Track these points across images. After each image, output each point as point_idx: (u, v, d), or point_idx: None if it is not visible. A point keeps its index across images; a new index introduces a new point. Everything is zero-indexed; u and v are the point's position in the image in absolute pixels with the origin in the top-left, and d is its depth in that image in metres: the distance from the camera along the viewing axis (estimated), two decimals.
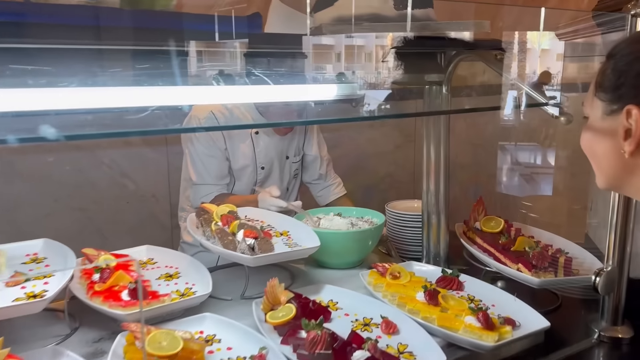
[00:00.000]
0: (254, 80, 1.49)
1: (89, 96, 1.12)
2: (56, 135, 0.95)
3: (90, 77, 1.14)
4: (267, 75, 1.39)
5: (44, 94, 1.03)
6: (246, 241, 1.53)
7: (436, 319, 1.37)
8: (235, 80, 1.53)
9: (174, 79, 1.24)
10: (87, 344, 1.36)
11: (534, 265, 1.51)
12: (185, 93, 1.34)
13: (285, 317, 1.38)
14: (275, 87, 1.39)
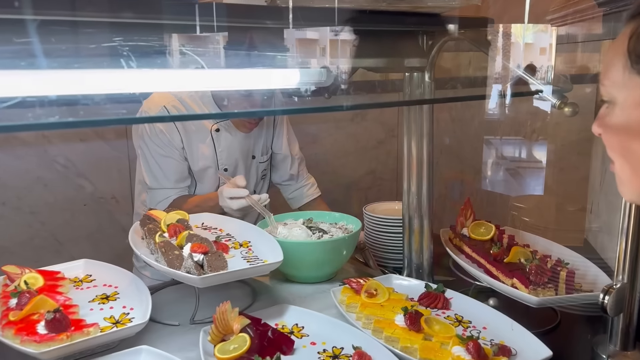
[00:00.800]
0: (209, 62, 1.25)
1: (21, 80, 0.87)
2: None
3: (23, 54, 0.89)
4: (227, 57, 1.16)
5: None
6: (193, 257, 1.29)
7: (418, 349, 1.14)
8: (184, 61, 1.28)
9: (110, 59, 1.00)
10: None
11: (531, 281, 1.29)
12: (126, 77, 1.09)
13: (237, 350, 1.14)
14: (234, 71, 1.16)
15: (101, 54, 1.01)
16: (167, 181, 1.99)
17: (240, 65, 1.33)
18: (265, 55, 1.39)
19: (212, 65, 1.29)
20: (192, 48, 1.05)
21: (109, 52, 1.01)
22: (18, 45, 0.78)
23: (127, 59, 0.85)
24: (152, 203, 2.02)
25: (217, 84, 1.39)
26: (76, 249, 2.94)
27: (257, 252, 1.49)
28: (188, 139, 1.99)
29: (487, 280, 1.40)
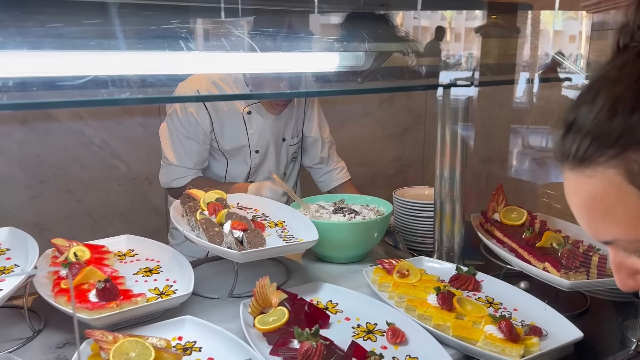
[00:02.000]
0: (250, 44, 1.29)
1: (63, 61, 0.93)
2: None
3: (62, 37, 0.95)
4: (261, 38, 1.19)
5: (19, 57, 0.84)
6: (234, 234, 1.35)
7: (451, 327, 1.18)
8: (225, 44, 1.32)
9: (157, 42, 1.04)
10: (50, 350, 1.19)
11: (563, 265, 1.31)
12: (167, 60, 1.14)
13: (276, 322, 1.19)
14: (267, 55, 1.19)
15: (148, 36, 1.06)
16: (188, 161, 2.04)
17: (278, 48, 1.36)
18: (303, 38, 1.42)
19: (250, 48, 1.33)
20: (241, 31, 1.08)
21: (155, 34, 1.06)
22: (86, 26, 0.83)
23: (185, 41, 0.89)
24: (167, 178, 2.07)
25: (255, 67, 1.44)
26: (110, 227, 3.04)
27: (292, 232, 1.54)
28: (220, 121, 2.03)
29: (519, 264, 1.42)
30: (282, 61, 1.32)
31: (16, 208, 2.77)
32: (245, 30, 1.23)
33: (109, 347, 1.05)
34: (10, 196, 2.77)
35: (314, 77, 1.96)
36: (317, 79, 1.87)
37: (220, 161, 2.14)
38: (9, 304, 1.33)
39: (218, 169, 2.16)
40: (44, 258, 1.39)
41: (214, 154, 2.12)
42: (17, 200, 2.78)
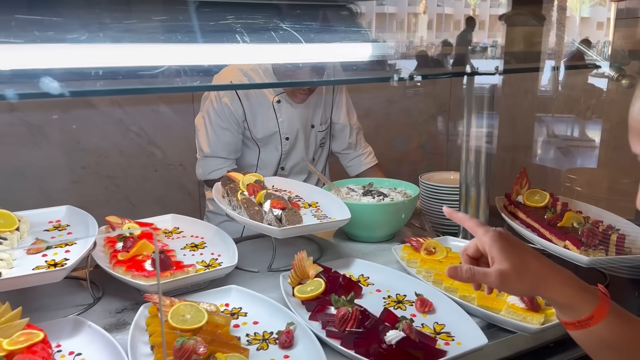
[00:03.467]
0: (282, 36, 1.39)
1: (104, 53, 1.04)
2: (72, 90, 0.88)
3: (102, 30, 1.06)
4: (298, 31, 1.28)
5: (55, 50, 0.96)
6: (273, 212, 1.46)
7: (476, 298, 1.28)
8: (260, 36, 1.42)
9: (193, 35, 1.15)
10: (110, 314, 1.32)
11: (583, 243, 1.39)
12: (201, 52, 1.25)
13: (313, 291, 1.30)
14: (306, 46, 1.29)
15: (208, 30, 1.17)
16: (222, 151, 2.17)
17: (320, 40, 1.45)
18: (341, 30, 1.51)
19: (295, 40, 1.42)
20: (290, 25, 1.18)
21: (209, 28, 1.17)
22: (109, 20, 0.94)
23: (241, 35, 0.99)
24: (204, 171, 2.20)
25: (297, 57, 1.53)
26: (147, 211, 3.16)
27: (325, 211, 1.64)
28: (251, 110, 2.14)
29: (540, 242, 1.50)
30: (322, 52, 1.42)
31: (59, 192, 2.93)
32: (289, 24, 1.33)
33: (167, 310, 1.17)
34: (54, 181, 2.94)
35: (342, 67, 2.06)
36: (346, 68, 1.96)
37: (253, 149, 2.25)
38: (70, 275, 1.46)
39: (251, 157, 2.27)
40: (99, 234, 1.52)
41: (247, 143, 2.24)
42: (60, 185, 2.95)
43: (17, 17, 0.92)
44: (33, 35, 0.96)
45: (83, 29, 0.97)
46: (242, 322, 1.25)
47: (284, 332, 1.16)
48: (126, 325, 1.27)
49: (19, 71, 0.91)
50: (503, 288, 0.92)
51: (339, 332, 1.16)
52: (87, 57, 0.93)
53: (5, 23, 0.91)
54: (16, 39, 0.89)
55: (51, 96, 0.91)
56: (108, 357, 1.09)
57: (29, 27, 0.95)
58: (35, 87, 0.81)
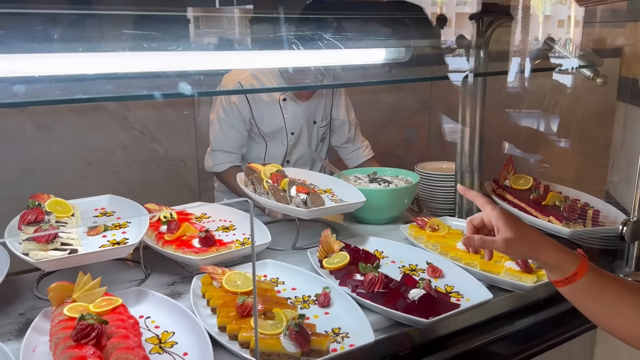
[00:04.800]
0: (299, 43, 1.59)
1: (122, 61, 1.22)
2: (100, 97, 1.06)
3: (117, 41, 1.24)
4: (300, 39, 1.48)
5: (65, 59, 1.13)
6: (299, 196, 1.66)
7: (478, 264, 1.51)
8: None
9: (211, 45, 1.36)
10: (163, 287, 1.50)
11: (564, 217, 1.64)
12: (221, 58, 1.46)
13: (340, 263, 1.52)
14: (313, 52, 1.48)
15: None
16: (227, 146, 2.36)
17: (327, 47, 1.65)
18: (356, 38, 1.71)
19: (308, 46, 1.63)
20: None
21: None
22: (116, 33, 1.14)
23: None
24: (213, 163, 2.39)
25: (302, 62, 1.72)
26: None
27: (340, 196, 1.85)
28: (258, 109, 2.33)
29: (527, 219, 1.75)
30: (328, 57, 1.62)
31: (68, 187, 3.06)
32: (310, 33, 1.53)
33: (220, 278, 1.37)
34: (63, 176, 3.07)
35: (348, 69, 2.26)
36: (347, 71, 2.17)
37: (261, 144, 2.45)
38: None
39: (258, 151, 2.47)
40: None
41: (254, 138, 2.43)
42: (68, 180, 3.08)
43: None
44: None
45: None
46: (282, 289, 1.45)
47: (322, 294, 1.37)
48: (180, 294, 1.45)
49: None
50: (507, 252, 1.13)
51: (367, 293, 1.37)
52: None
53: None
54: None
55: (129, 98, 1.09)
56: (175, 318, 1.27)
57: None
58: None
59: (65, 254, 1.29)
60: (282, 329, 1.15)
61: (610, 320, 1.08)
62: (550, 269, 1.11)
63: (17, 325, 1.29)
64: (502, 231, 1.11)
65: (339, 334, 1.22)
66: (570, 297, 1.11)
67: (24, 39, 1.09)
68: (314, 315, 1.31)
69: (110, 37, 1.29)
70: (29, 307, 1.38)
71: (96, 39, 1.26)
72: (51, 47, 1.14)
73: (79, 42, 1.19)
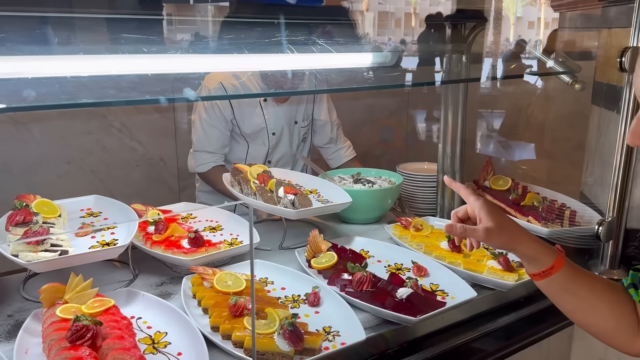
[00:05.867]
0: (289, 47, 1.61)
1: (106, 63, 1.22)
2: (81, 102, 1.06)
3: (99, 44, 1.24)
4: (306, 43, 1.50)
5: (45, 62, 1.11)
6: (287, 197, 1.68)
7: (462, 263, 1.55)
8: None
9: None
10: (152, 287, 1.51)
11: (543, 217, 1.70)
12: (201, 61, 1.47)
13: (328, 262, 1.55)
14: (299, 55, 1.51)
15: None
16: (209, 146, 2.37)
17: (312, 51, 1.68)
18: (339, 43, 1.74)
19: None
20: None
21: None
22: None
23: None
24: (196, 163, 2.40)
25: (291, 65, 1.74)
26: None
27: (326, 196, 1.88)
28: (240, 109, 2.34)
29: None
30: (311, 61, 1.65)
31: (45, 186, 3.00)
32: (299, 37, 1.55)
33: (211, 278, 1.38)
34: (40, 175, 3.02)
35: (322, 74, 2.29)
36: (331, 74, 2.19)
37: (242, 144, 2.46)
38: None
39: (240, 152, 2.48)
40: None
41: (236, 138, 2.44)
42: (45, 179, 3.03)
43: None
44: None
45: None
46: (272, 289, 1.47)
47: (312, 294, 1.40)
48: (170, 295, 1.46)
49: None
50: (487, 241, 1.14)
51: (356, 292, 1.40)
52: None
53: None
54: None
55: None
56: (167, 318, 1.28)
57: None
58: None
59: (56, 255, 1.29)
60: (276, 328, 1.17)
61: (584, 315, 1.12)
62: (529, 261, 1.13)
63: (6, 327, 1.29)
64: (483, 221, 1.13)
65: (330, 332, 1.25)
66: (546, 290, 1.14)
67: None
68: (305, 315, 1.33)
69: (95, 40, 1.29)
70: (16, 308, 1.37)
71: (88, 42, 1.26)
72: (23, 49, 1.13)
73: (68, 45, 1.19)
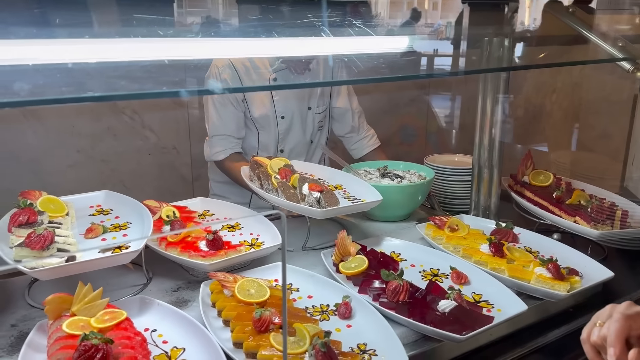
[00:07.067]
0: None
1: (113, 48, 1.08)
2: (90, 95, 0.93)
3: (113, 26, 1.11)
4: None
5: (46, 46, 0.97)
6: (312, 195, 1.55)
7: (506, 270, 1.41)
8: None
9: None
10: (167, 293, 1.38)
11: (593, 218, 1.55)
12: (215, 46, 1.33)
13: (358, 267, 1.41)
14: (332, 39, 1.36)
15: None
16: (224, 128, 2.23)
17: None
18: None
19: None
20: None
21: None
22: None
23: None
24: (212, 151, 2.26)
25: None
26: (142, 195, 3.16)
27: (353, 193, 1.74)
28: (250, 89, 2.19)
29: (552, 218, 1.66)
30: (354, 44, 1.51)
31: (54, 176, 2.91)
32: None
33: (232, 286, 1.25)
34: (49, 164, 2.91)
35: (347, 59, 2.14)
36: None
37: (253, 131, 2.32)
38: None
39: (251, 140, 2.34)
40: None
41: (247, 124, 2.30)
42: (55, 169, 2.92)
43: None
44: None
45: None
46: (298, 297, 1.34)
47: (342, 304, 1.26)
48: (187, 302, 1.34)
49: None
50: None
51: (391, 302, 1.27)
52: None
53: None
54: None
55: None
56: (185, 331, 1.16)
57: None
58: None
59: (63, 261, 1.17)
60: (307, 348, 1.04)
61: None
62: None
63: (9, 339, 1.17)
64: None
65: (366, 351, 1.12)
66: None
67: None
68: (336, 329, 1.20)
69: (103, 21, 1.15)
70: (21, 317, 1.26)
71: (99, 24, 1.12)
72: (26, 32, 0.99)
73: (68, 27, 1.05)
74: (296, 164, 1.97)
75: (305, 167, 1.96)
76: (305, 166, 1.96)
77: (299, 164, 1.98)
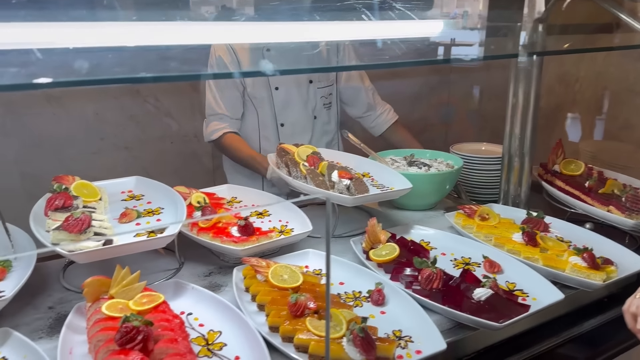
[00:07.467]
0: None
1: (124, 32, 1.06)
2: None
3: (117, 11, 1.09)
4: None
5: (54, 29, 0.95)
6: (342, 182, 1.54)
7: (540, 259, 1.40)
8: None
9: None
10: (200, 278, 1.39)
11: (627, 208, 1.53)
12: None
13: (389, 255, 1.40)
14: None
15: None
16: (219, 108, 2.21)
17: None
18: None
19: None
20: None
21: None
22: None
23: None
24: (208, 130, 2.25)
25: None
26: (166, 182, 3.22)
27: (381, 181, 1.73)
28: (244, 61, 2.12)
29: (584, 208, 1.64)
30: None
31: (78, 163, 2.93)
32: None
33: (265, 271, 1.26)
34: (73, 152, 2.93)
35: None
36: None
37: (251, 111, 2.28)
38: None
39: (252, 120, 2.30)
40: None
41: (246, 104, 2.27)
42: (79, 156, 2.95)
43: None
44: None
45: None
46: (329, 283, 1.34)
47: (375, 291, 1.26)
48: (219, 287, 1.35)
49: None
50: None
51: (424, 290, 1.26)
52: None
53: None
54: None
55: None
56: (220, 315, 1.17)
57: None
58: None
59: (100, 244, 1.17)
60: (344, 333, 1.04)
61: None
62: None
63: (48, 320, 1.19)
64: None
65: (402, 337, 1.12)
66: None
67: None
68: (370, 315, 1.20)
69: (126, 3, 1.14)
70: (57, 299, 1.27)
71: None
72: (46, 14, 0.97)
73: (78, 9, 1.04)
74: (324, 152, 1.96)
75: (331, 155, 1.95)
76: (331, 154, 1.96)
77: (324, 151, 1.98)
